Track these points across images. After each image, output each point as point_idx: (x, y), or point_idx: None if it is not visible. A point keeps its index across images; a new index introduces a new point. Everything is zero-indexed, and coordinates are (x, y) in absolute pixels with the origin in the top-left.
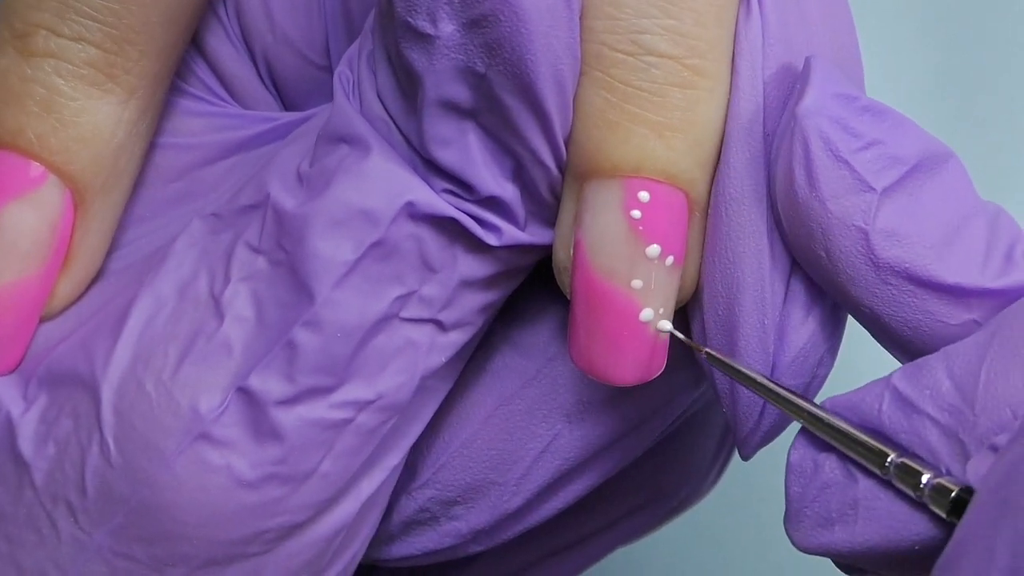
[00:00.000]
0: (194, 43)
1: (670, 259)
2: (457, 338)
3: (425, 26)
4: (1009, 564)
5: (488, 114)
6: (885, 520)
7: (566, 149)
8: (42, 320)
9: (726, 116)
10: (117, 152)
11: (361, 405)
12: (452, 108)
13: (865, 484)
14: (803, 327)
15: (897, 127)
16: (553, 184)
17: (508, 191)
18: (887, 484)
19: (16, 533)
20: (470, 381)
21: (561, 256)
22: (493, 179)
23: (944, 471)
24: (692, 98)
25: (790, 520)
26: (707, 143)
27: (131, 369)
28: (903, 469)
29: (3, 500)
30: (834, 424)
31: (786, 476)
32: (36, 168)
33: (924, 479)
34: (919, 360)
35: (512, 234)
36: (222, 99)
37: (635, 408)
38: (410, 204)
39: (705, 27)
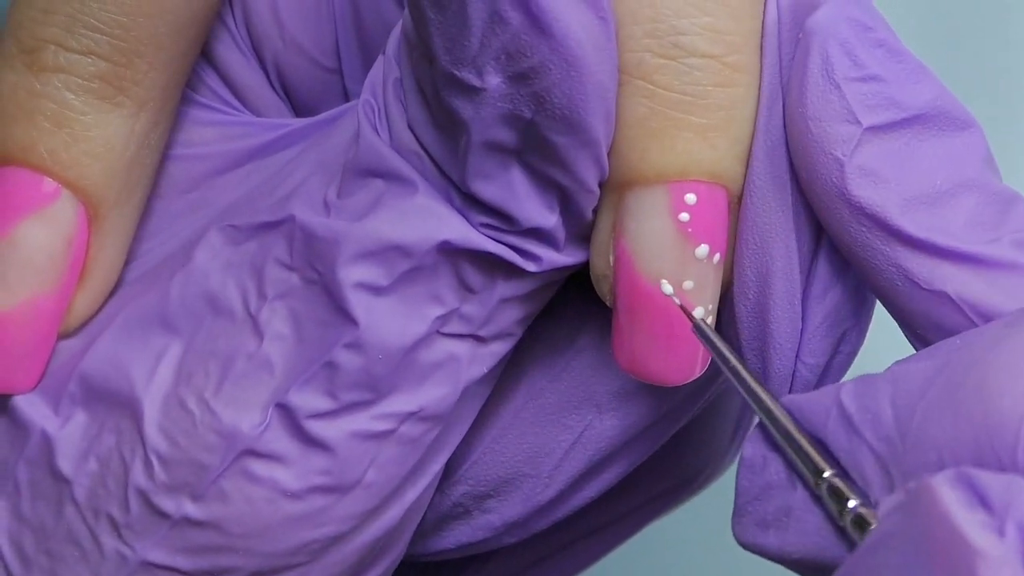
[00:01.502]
0: (203, 53)
1: (717, 256)
2: (498, 348)
3: (471, 79)
4: None
5: (534, 152)
6: (813, 535)
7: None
8: (60, 336)
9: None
10: (130, 165)
11: (403, 417)
12: (497, 148)
13: (802, 494)
14: (824, 300)
15: (911, 74)
16: (595, 204)
17: (550, 221)
18: (820, 499)
19: (57, 548)
20: (499, 377)
21: (600, 265)
22: (537, 211)
23: (874, 501)
24: (733, 96)
25: (735, 512)
26: (746, 138)
27: (172, 387)
28: (833, 490)
29: (43, 515)
30: (784, 425)
31: (738, 466)
32: (49, 184)
33: (850, 504)
34: (870, 377)
35: (551, 259)
36: (233, 107)
37: (665, 396)
38: (445, 242)
39: (740, 21)
